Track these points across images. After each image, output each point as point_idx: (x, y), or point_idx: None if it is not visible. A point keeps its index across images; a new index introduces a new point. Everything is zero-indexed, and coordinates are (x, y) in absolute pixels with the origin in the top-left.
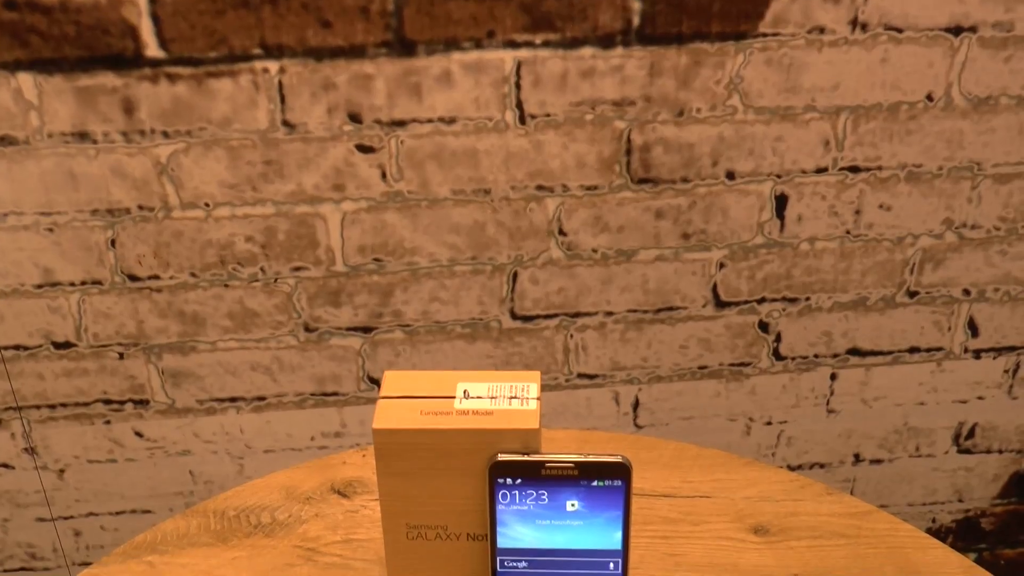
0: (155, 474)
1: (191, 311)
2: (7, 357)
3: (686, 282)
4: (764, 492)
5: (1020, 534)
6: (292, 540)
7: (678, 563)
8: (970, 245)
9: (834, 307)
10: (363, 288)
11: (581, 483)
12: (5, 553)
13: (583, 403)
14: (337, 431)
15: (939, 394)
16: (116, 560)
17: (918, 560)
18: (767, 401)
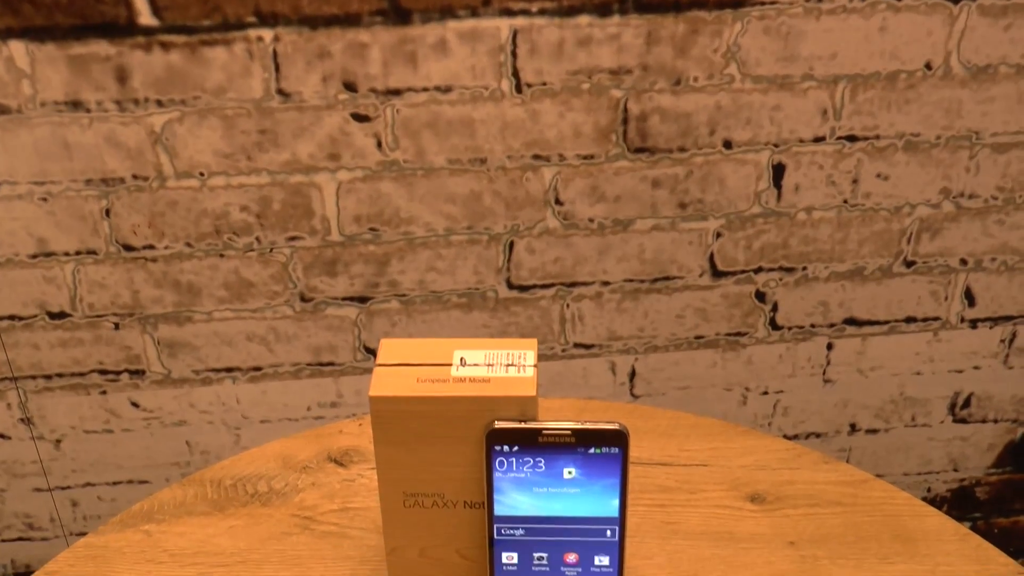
0: (151, 444)
1: (186, 281)
2: (2, 327)
3: (683, 252)
4: (760, 461)
5: (1015, 503)
6: (289, 509)
7: (675, 531)
8: (967, 215)
9: (831, 277)
10: (359, 258)
11: (578, 450)
12: (3, 523)
13: (579, 373)
14: (333, 401)
15: (935, 364)
16: (113, 529)
17: (914, 527)
18: (763, 371)
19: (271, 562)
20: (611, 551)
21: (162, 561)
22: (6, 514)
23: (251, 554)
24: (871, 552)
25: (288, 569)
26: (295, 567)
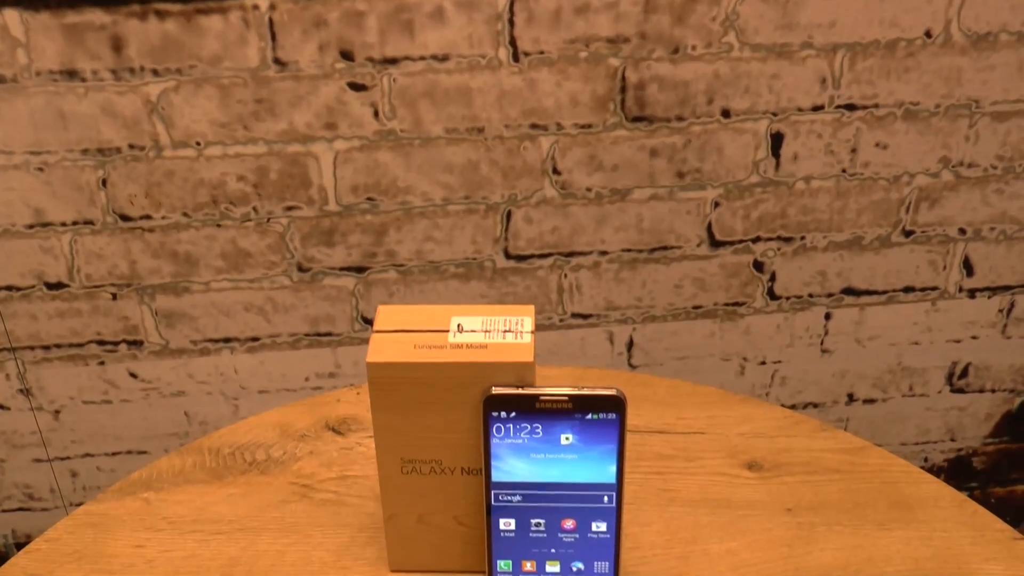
0: (150, 415)
1: (184, 251)
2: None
3: (681, 221)
4: (758, 428)
5: (1011, 472)
6: (287, 477)
7: (672, 498)
8: (967, 184)
9: (829, 246)
10: (356, 228)
11: (575, 416)
12: (3, 493)
13: (577, 343)
14: (331, 371)
15: (933, 333)
16: (112, 497)
17: (911, 494)
18: (761, 341)
19: (269, 530)
20: (608, 517)
21: (161, 529)
22: (6, 484)
23: (249, 522)
24: (868, 519)
25: (286, 536)
26: (293, 534)
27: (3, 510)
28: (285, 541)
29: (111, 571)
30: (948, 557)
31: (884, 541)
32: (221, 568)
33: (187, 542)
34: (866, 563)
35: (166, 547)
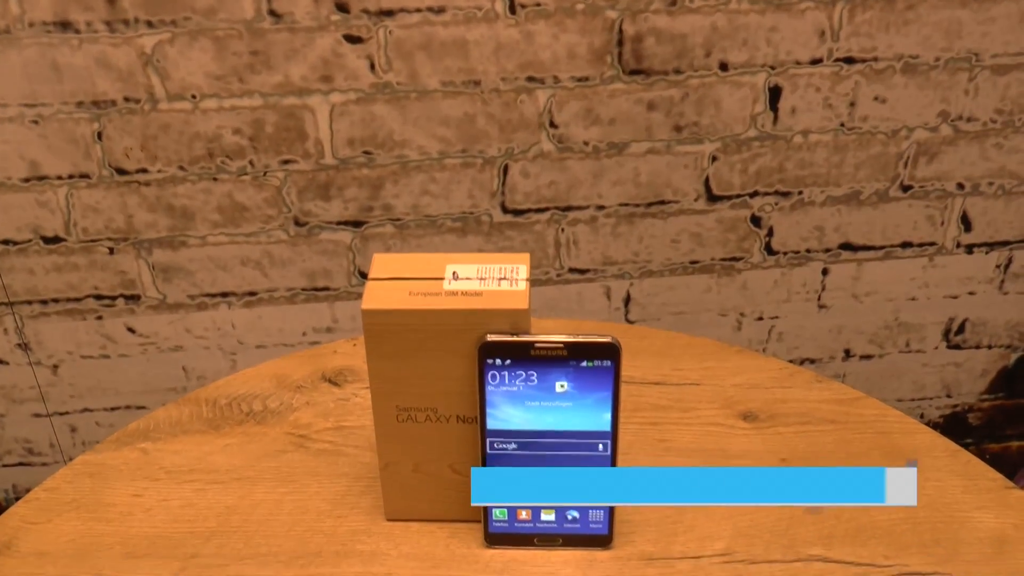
0: (148, 370)
1: (180, 205)
2: None
3: (678, 175)
4: (753, 380)
5: (1006, 428)
6: (284, 427)
7: (667, 448)
8: (965, 138)
9: (827, 201)
10: (353, 181)
11: (570, 364)
12: (3, 448)
13: (574, 298)
14: (328, 326)
15: (930, 289)
16: (110, 447)
17: (905, 444)
18: (758, 296)
19: (266, 479)
20: (603, 465)
21: (158, 478)
22: (6, 439)
23: (246, 471)
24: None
25: (283, 486)
26: (290, 483)
27: (3, 465)
28: (282, 490)
29: (109, 519)
30: (940, 505)
31: None
32: (218, 516)
33: (184, 491)
34: (859, 511)
35: (163, 496)
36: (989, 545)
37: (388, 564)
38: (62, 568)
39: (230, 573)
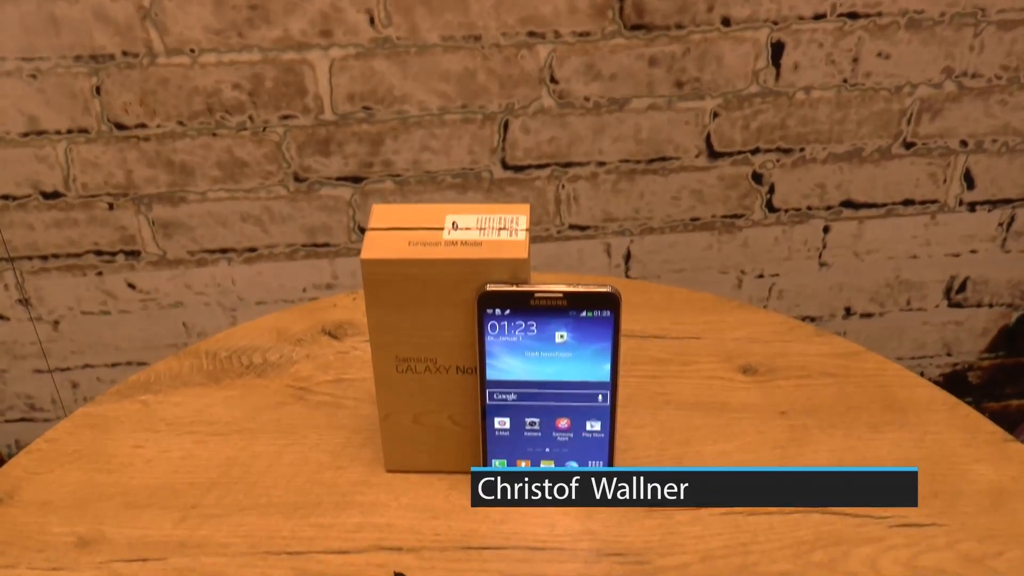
0: (149, 326)
1: (179, 160)
2: None
3: (679, 132)
4: (753, 334)
5: (1006, 387)
6: (284, 380)
7: (667, 401)
8: (969, 95)
9: (829, 158)
10: (352, 137)
11: (570, 314)
12: (5, 404)
13: (574, 255)
14: (328, 282)
15: (932, 247)
16: (111, 399)
17: (904, 398)
18: (759, 254)
19: (266, 431)
20: (602, 416)
21: (159, 430)
22: (8, 395)
23: (246, 423)
24: (861, 421)
25: (283, 438)
26: (290, 436)
27: (6, 420)
28: (282, 442)
29: (110, 470)
30: (940, 458)
31: (876, 443)
32: (218, 468)
33: (184, 443)
34: (858, 463)
35: (164, 447)
36: (987, 497)
37: (388, 515)
38: (64, 517)
39: (231, 523)
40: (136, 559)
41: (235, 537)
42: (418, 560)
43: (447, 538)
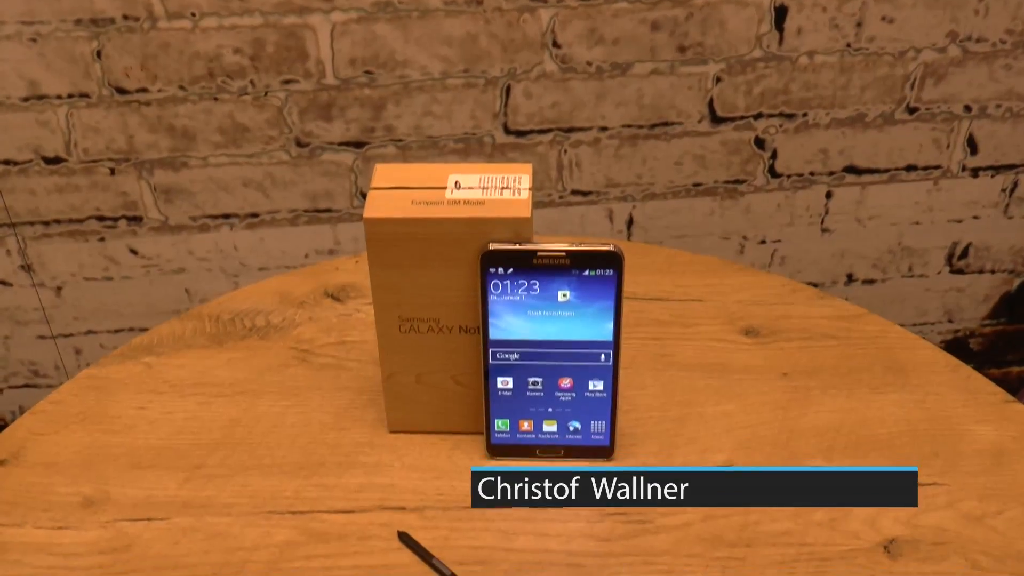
0: (151, 292)
1: (181, 125)
2: None
3: (682, 97)
4: (756, 296)
5: (1007, 354)
6: (286, 342)
7: (669, 362)
8: (974, 59)
9: (832, 123)
10: (354, 102)
11: (573, 273)
12: (8, 370)
13: (577, 220)
14: (331, 248)
15: (934, 213)
16: (114, 361)
17: (906, 360)
18: (761, 219)
19: (269, 392)
20: (605, 376)
21: (163, 391)
22: (12, 361)
23: (249, 385)
24: (863, 383)
25: (286, 399)
26: (293, 397)
27: (10, 386)
28: (285, 403)
29: (114, 431)
30: (941, 419)
31: (878, 404)
32: (222, 429)
33: (188, 404)
34: (859, 424)
35: (168, 409)
36: (988, 457)
37: (391, 475)
38: (69, 478)
39: (235, 483)
40: (141, 518)
41: (239, 497)
42: (421, 520)
43: (450, 498)
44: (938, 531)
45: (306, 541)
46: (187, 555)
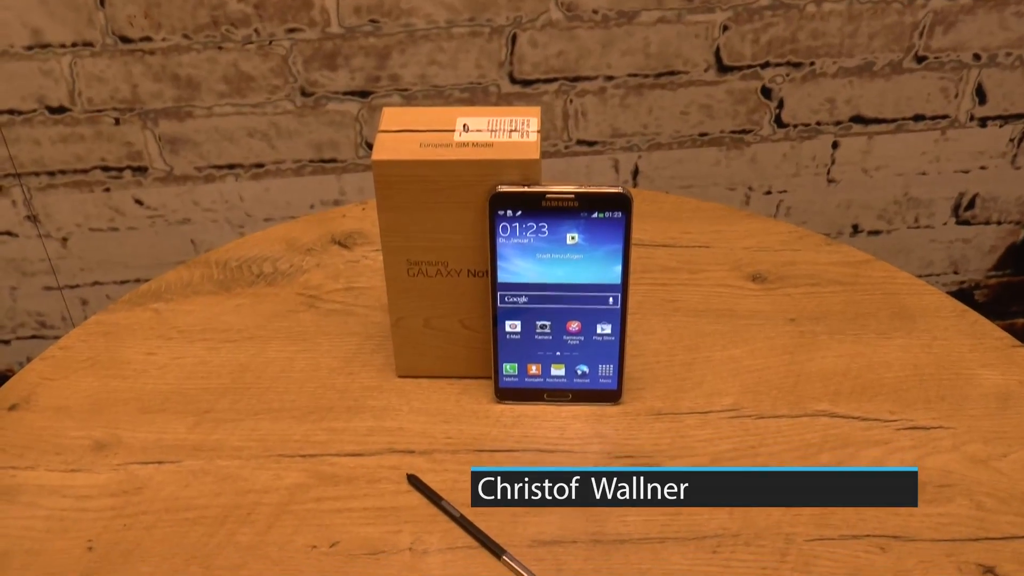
0: (157, 243)
1: (185, 75)
2: (1, 122)
3: (688, 45)
4: (763, 242)
5: (1012, 305)
6: (294, 288)
7: (676, 308)
8: (984, 6)
9: (839, 72)
10: (359, 51)
11: (581, 215)
12: (16, 321)
13: (582, 170)
14: (336, 199)
15: (941, 163)
16: (122, 308)
17: (912, 304)
18: (767, 170)
19: (278, 338)
20: (613, 319)
21: (171, 337)
22: (19, 312)
23: (258, 331)
24: (870, 328)
25: (295, 344)
26: (301, 342)
27: (17, 337)
28: (293, 349)
29: (124, 376)
30: (947, 363)
31: (884, 348)
32: (231, 374)
33: (197, 350)
34: (866, 369)
35: (177, 354)
36: (994, 400)
37: (400, 419)
38: (80, 422)
39: (244, 427)
40: (152, 461)
41: (249, 441)
42: (430, 463)
43: (458, 441)
44: (944, 473)
45: (316, 484)
46: (198, 497)
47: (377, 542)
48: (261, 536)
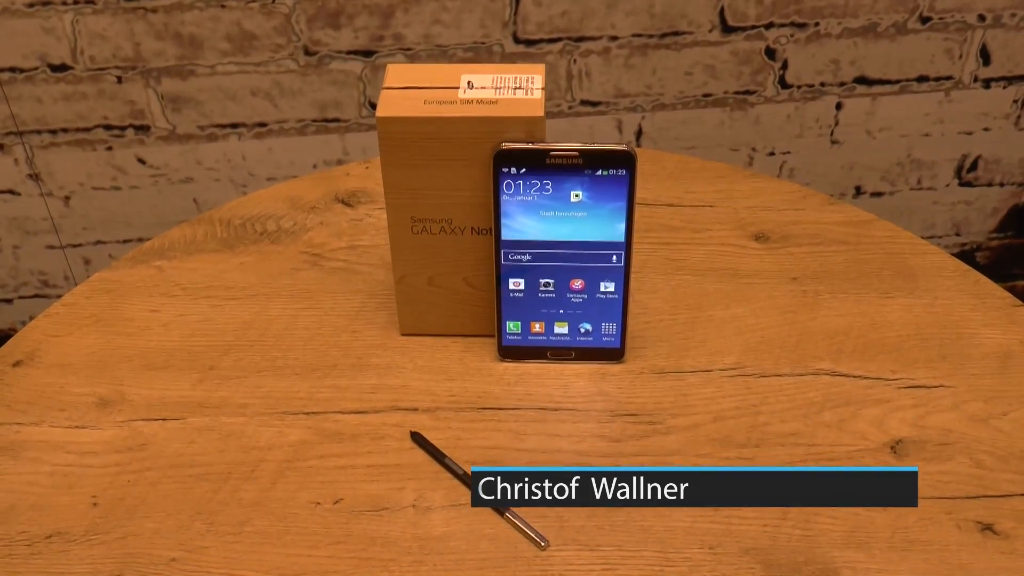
0: (160, 202)
1: (188, 33)
2: (3, 80)
3: (693, 5)
4: (766, 202)
5: (1014, 267)
6: (298, 246)
7: (679, 267)
8: None
9: (843, 33)
10: (363, 9)
11: (585, 173)
12: (19, 280)
13: (586, 131)
14: (339, 158)
15: (945, 125)
16: (126, 265)
17: (915, 264)
18: (771, 131)
19: (281, 295)
20: (616, 277)
21: (175, 295)
22: (22, 271)
23: (261, 288)
24: (872, 287)
25: (298, 302)
26: (305, 300)
27: (20, 296)
28: (297, 306)
29: (128, 333)
30: (949, 323)
31: (887, 308)
32: (235, 331)
33: (201, 307)
34: (868, 328)
35: (180, 312)
36: (995, 360)
37: (403, 376)
38: (83, 378)
39: (248, 384)
40: (156, 418)
41: (253, 398)
42: (433, 420)
43: (462, 399)
44: (944, 432)
45: (320, 440)
46: (202, 454)
47: (380, 499)
48: (265, 493)
